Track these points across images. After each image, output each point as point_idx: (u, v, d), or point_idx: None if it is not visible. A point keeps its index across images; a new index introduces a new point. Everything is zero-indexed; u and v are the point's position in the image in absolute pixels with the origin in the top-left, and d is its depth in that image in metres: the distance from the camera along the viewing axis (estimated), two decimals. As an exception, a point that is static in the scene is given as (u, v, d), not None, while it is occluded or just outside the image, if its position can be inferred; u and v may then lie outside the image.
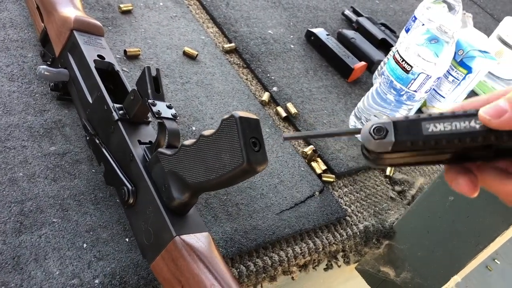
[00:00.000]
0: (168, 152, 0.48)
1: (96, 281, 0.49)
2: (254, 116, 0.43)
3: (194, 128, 0.70)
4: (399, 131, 0.33)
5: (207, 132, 0.44)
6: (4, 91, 0.62)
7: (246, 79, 0.87)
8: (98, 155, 0.55)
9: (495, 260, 2.29)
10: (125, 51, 0.76)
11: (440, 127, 0.32)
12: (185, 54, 0.83)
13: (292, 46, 0.99)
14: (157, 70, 0.53)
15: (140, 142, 0.53)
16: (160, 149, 0.49)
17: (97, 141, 0.55)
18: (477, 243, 0.61)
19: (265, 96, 0.83)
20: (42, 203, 0.53)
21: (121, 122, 0.53)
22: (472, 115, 0.31)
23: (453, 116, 0.32)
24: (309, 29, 1.02)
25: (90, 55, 0.59)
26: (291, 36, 1.02)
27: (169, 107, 0.52)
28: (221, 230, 0.58)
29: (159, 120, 0.51)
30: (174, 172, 0.47)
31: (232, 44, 0.91)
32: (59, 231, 0.51)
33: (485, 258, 0.71)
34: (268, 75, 0.88)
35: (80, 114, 0.60)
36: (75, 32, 0.60)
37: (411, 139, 0.33)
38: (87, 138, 0.56)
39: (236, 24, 0.97)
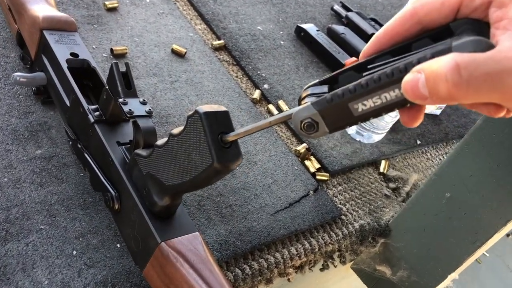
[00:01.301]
0: (144, 153, 0.45)
1: (87, 289, 0.47)
2: (223, 108, 0.39)
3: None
4: (329, 119, 0.33)
5: (176, 131, 0.41)
6: (-14, 93, 0.59)
7: (236, 76, 0.85)
8: (82, 160, 0.53)
9: (484, 253, 2.32)
10: (111, 50, 0.74)
11: (369, 104, 0.31)
12: (174, 52, 0.81)
13: (282, 42, 0.98)
14: (126, 64, 0.49)
15: (119, 143, 0.50)
16: (136, 151, 0.46)
17: (79, 146, 0.52)
18: (474, 240, 0.60)
19: (256, 94, 0.82)
20: (28, 210, 0.51)
21: (97, 124, 0.50)
22: (397, 81, 0.30)
23: (378, 87, 0.30)
24: (299, 24, 1.01)
25: (62, 54, 0.56)
26: (281, 32, 1.00)
27: (143, 103, 0.49)
28: (215, 232, 0.57)
29: (132, 119, 0.48)
30: (151, 174, 0.44)
31: (221, 41, 0.90)
32: (47, 238, 0.49)
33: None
34: (259, 72, 0.87)
35: (62, 118, 0.57)
36: (44, 32, 0.57)
37: (344, 123, 0.33)
38: (70, 143, 0.54)
39: (224, 21, 0.95)
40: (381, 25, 1.14)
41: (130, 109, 0.47)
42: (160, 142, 0.43)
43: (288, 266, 0.60)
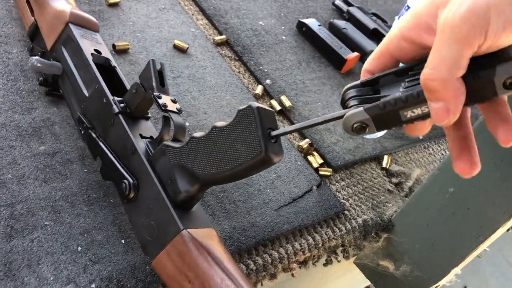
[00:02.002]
0: (175, 145, 0.46)
1: (93, 285, 0.47)
2: (270, 108, 0.42)
3: (187, 124, 0.68)
4: (379, 124, 0.36)
5: (220, 123, 0.43)
6: (-12, 89, 0.59)
7: (239, 72, 0.85)
8: (94, 149, 0.53)
9: (485, 248, 2.32)
10: (113, 45, 0.73)
11: (418, 111, 0.34)
12: (176, 47, 0.81)
13: (283, 37, 0.97)
14: (162, 64, 0.51)
15: (142, 136, 0.51)
16: (165, 142, 0.47)
17: (94, 135, 0.53)
18: (478, 235, 0.61)
19: (259, 89, 0.82)
20: (33, 206, 0.51)
21: (122, 115, 0.52)
22: None
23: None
24: (300, 19, 1.01)
25: (87, 48, 0.57)
26: (283, 27, 1.00)
27: (174, 101, 0.51)
28: (219, 228, 0.57)
29: (165, 114, 0.49)
30: (182, 165, 0.46)
31: (223, 36, 0.89)
32: (52, 234, 0.49)
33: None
34: (261, 67, 0.87)
35: (71, 109, 0.58)
36: (71, 25, 0.59)
37: (391, 126, 0.36)
38: (82, 132, 0.54)
39: (226, 16, 0.95)
40: (382, 20, 1.14)
41: (165, 103, 0.49)
42: (197, 134, 0.44)
43: (292, 261, 0.60)
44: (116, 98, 0.53)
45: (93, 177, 0.56)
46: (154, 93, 0.49)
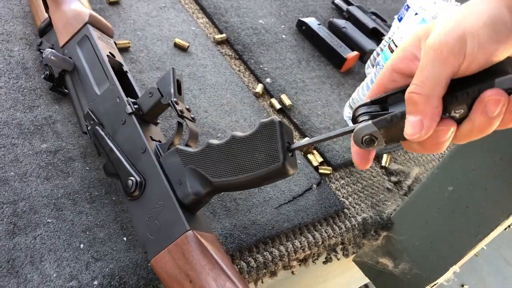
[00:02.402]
0: (189, 149, 0.48)
1: (95, 282, 0.47)
2: (288, 125, 0.45)
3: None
4: (388, 137, 0.38)
5: (239, 133, 0.45)
6: (-10, 87, 0.59)
7: (239, 70, 0.85)
8: (99, 145, 0.54)
9: (482, 246, 2.33)
10: (114, 44, 0.73)
11: None
12: (176, 45, 0.81)
13: (283, 36, 0.98)
14: (181, 74, 0.55)
15: (152, 139, 0.53)
16: (178, 146, 0.49)
17: (101, 132, 0.53)
18: (476, 233, 0.61)
19: (259, 88, 0.82)
20: (35, 203, 0.51)
21: (135, 116, 0.53)
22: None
23: None
24: (300, 18, 1.01)
25: (104, 50, 0.59)
26: (282, 26, 1.01)
27: (188, 110, 0.54)
28: (220, 226, 0.57)
29: (180, 120, 0.52)
30: (195, 169, 0.47)
31: (223, 35, 0.90)
32: (55, 231, 0.50)
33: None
34: (261, 66, 0.87)
35: (76, 105, 0.58)
36: (89, 26, 0.61)
37: (398, 139, 0.38)
38: (88, 128, 0.55)
39: (226, 14, 0.95)
40: (382, 19, 1.14)
41: (181, 109, 0.52)
42: (214, 141, 0.47)
43: (292, 259, 0.61)
44: (131, 100, 0.54)
45: (95, 175, 0.56)
46: (173, 99, 0.51)
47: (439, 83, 0.34)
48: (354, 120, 0.41)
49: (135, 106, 0.53)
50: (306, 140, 0.44)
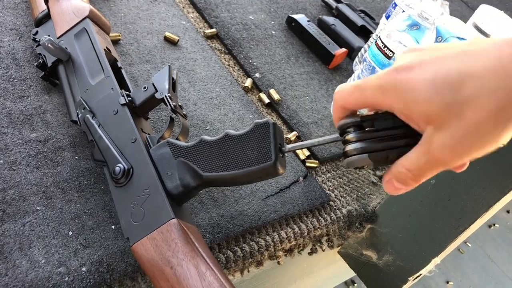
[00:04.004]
0: (181, 143, 0.50)
1: (83, 268, 0.48)
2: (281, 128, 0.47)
3: (171, 113, 0.69)
4: (377, 163, 0.41)
5: (233, 131, 0.48)
6: (-20, 76, 0.60)
7: (228, 65, 0.86)
8: (89, 132, 0.55)
9: (467, 243, 2.37)
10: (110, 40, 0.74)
11: None
12: (166, 39, 0.82)
13: (273, 32, 0.99)
14: (176, 73, 0.57)
15: (142, 131, 0.54)
16: (169, 139, 0.51)
17: (92, 120, 0.55)
18: (457, 225, 0.63)
19: (248, 82, 0.83)
20: (24, 191, 0.51)
21: (128, 107, 0.54)
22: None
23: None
24: (290, 15, 1.02)
25: (101, 44, 0.61)
26: (272, 22, 1.02)
27: (181, 107, 0.56)
28: (207, 216, 0.58)
29: (173, 115, 0.54)
30: (185, 162, 0.49)
31: (213, 30, 0.90)
32: (44, 219, 0.50)
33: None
34: (250, 61, 0.88)
35: (68, 94, 0.59)
36: (88, 21, 0.63)
37: (386, 163, 0.41)
38: (79, 115, 0.56)
39: (216, 9, 0.96)
40: (370, 17, 1.15)
41: (175, 105, 0.54)
42: (207, 137, 0.49)
43: (278, 249, 0.62)
44: (124, 91, 0.56)
45: (84, 164, 0.57)
46: (167, 94, 0.53)
47: (428, 177, 0.38)
48: (342, 132, 0.43)
49: (128, 98, 0.55)
50: (297, 144, 0.47)
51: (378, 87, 0.37)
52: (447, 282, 2.13)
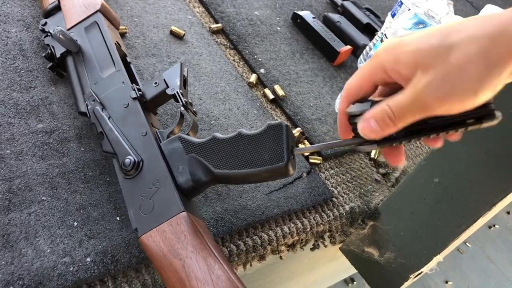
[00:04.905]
0: (193, 139, 0.51)
1: (88, 259, 0.48)
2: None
3: (182, 109, 0.70)
4: (383, 147, 0.43)
5: (245, 131, 0.49)
6: (-12, 66, 0.60)
7: (233, 60, 0.86)
8: (99, 124, 0.55)
9: (467, 244, 2.37)
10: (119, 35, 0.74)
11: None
12: (172, 33, 0.82)
13: (278, 28, 0.99)
14: (187, 70, 0.58)
15: (152, 125, 0.55)
16: (181, 135, 0.52)
17: (101, 112, 0.55)
18: (460, 224, 0.63)
19: (253, 78, 0.83)
20: (30, 181, 0.52)
21: (138, 101, 0.55)
22: None
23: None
24: (296, 11, 1.02)
25: (112, 37, 0.62)
26: (278, 18, 1.02)
27: (191, 104, 0.57)
28: (211, 209, 0.59)
29: (183, 111, 0.54)
30: (196, 158, 0.50)
31: (219, 25, 0.90)
32: (49, 209, 0.50)
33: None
34: (255, 56, 0.88)
35: (76, 85, 0.59)
36: (100, 14, 0.64)
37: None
38: (88, 107, 0.56)
39: (222, 4, 0.96)
40: (375, 15, 1.15)
41: (186, 101, 0.55)
42: (219, 135, 0.50)
43: (280, 244, 0.62)
44: (135, 86, 0.56)
45: (89, 156, 0.57)
46: (179, 90, 0.55)
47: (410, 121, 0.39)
48: (350, 118, 0.44)
49: (139, 92, 0.56)
50: (306, 148, 0.49)
51: (374, 55, 0.40)
52: (446, 282, 2.13)
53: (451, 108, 0.36)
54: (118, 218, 0.53)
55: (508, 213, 2.68)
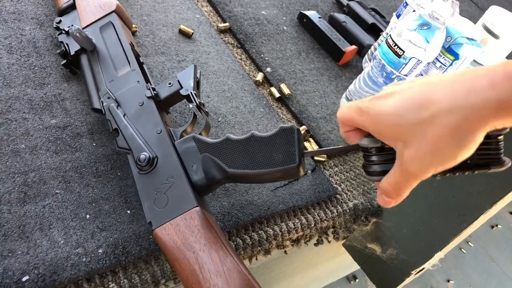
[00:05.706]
0: (206, 139, 0.53)
1: (100, 250, 0.50)
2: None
3: (191, 106, 0.71)
4: None
5: (258, 133, 0.51)
6: (3, 63, 0.62)
7: (240, 59, 0.88)
8: (114, 121, 0.57)
9: (469, 243, 2.38)
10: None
11: None
12: (181, 32, 0.84)
13: (285, 27, 1.00)
14: (200, 72, 0.61)
15: (166, 124, 0.57)
16: (195, 134, 0.54)
17: (116, 109, 0.57)
18: (461, 221, 0.64)
19: (259, 76, 0.85)
20: (44, 175, 0.54)
21: (153, 100, 0.57)
22: None
23: None
24: (302, 11, 1.04)
25: (126, 37, 0.64)
26: (284, 18, 1.03)
27: (203, 104, 0.59)
28: (218, 204, 0.60)
29: (196, 111, 0.57)
30: (210, 157, 0.52)
31: (227, 24, 0.92)
32: (62, 202, 0.52)
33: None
34: (262, 55, 0.89)
35: (90, 83, 0.61)
36: (115, 15, 0.66)
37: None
38: (103, 104, 0.58)
39: (230, 4, 0.97)
40: (381, 15, 1.17)
41: (200, 102, 0.57)
42: (233, 136, 0.52)
43: (285, 239, 0.64)
44: (150, 85, 0.58)
45: (101, 151, 0.59)
46: (193, 91, 0.57)
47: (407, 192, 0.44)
48: (364, 150, 0.46)
49: (154, 92, 0.58)
50: (315, 151, 0.51)
51: (359, 109, 0.42)
52: (448, 281, 2.14)
53: (437, 170, 0.39)
54: (128, 212, 0.55)
55: (511, 213, 2.69)
